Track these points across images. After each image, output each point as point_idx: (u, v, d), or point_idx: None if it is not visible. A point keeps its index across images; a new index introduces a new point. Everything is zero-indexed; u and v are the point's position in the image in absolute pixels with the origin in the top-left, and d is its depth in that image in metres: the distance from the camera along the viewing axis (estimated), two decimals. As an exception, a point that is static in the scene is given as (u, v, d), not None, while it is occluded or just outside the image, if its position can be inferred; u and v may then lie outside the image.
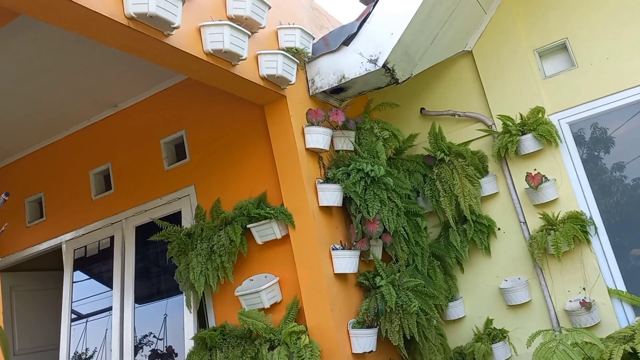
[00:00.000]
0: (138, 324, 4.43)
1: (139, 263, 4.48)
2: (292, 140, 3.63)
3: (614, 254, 4.03)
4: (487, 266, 4.43)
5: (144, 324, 4.42)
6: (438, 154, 4.41)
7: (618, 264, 4.01)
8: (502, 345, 4.17)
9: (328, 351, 3.31)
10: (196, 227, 3.83)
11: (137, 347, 4.41)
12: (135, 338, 4.43)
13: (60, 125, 4.86)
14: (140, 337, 4.45)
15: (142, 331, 4.42)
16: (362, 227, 3.73)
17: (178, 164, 4.32)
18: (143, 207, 4.41)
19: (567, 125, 4.30)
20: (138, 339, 4.44)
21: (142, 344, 4.44)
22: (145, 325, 4.41)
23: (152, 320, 4.44)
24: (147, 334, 4.43)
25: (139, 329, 4.43)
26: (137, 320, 4.43)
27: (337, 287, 3.51)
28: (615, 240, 4.05)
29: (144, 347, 4.43)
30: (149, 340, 4.43)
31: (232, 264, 3.68)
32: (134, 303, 4.25)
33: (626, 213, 4.09)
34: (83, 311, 4.88)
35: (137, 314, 4.43)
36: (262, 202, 3.75)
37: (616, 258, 4.02)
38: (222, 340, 3.61)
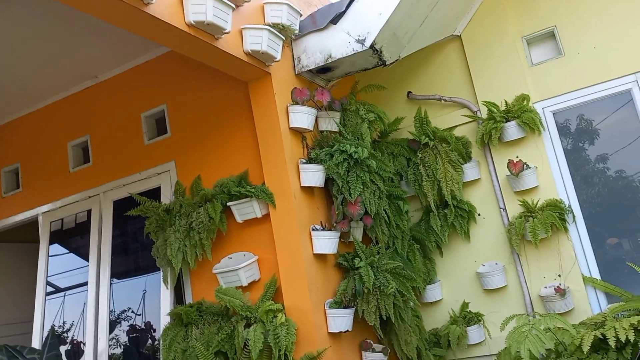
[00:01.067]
0: (117, 299, 4.42)
1: (117, 238, 4.43)
2: (275, 119, 3.58)
3: (590, 243, 4.08)
4: (465, 251, 4.47)
5: (123, 300, 4.40)
6: (423, 139, 4.40)
7: (594, 253, 4.07)
8: (477, 328, 4.22)
9: (304, 330, 3.32)
10: (175, 204, 3.78)
11: (115, 322, 4.41)
12: (114, 313, 4.42)
13: (39, 95, 4.74)
14: (119, 312, 4.45)
15: (120, 306, 4.42)
16: (343, 208, 3.72)
17: (158, 139, 4.25)
18: (122, 181, 4.34)
19: (551, 114, 4.31)
20: (117, 314, 4.43)
21: (121, 319, 4.44)
22: (124, 301, 4.39)
23: (131, 296, 4.42)
24: (125, 310, 4.42)
25: (118, 304, 4.43)
26: (116, 295, 4.42)
27: (315, 268, 3.50)
28: (594, 230, 4.10)
29: (122, 322, 4.44)
30: (128, 316, 4.42)
31: (210, 241, 3.65)
32: (110, 278, 4.21)
33: (606, 204, 4.14)
34: (61, 284, 4.84)
35: (116, 290, 4.41)
36: (243, 180, 3.71)
37: (593, 247, 4.08)
38: (199, 317, 3.60)
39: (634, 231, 4.06)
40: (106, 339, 4.05)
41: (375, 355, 3.64)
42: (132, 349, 4.51)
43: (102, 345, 4.02)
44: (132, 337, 4.42)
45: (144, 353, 4.37)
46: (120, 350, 4.48)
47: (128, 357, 4.43)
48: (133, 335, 4.42)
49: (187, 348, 3.50)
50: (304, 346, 3.31)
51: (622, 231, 4.09)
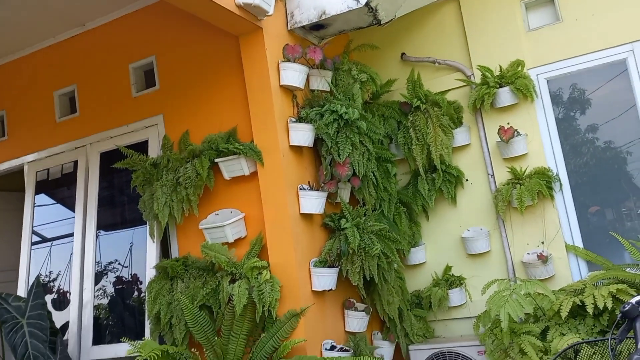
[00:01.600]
0: (104, 251, 4.44)
1: (104, 191, 4.41)
2: (266, 76, 3.52)
3: (575, 212, 4.12)
4: (451, 215, 4.50)
5: (111, 251, 4.42)
6: (414, 102, 4.36)
7: (578, 221, 4.12)
8: (459, 291, 4.30)
9: (288, 287, 3.36)
10: (162, 158, 3.75)
11: (102, 273, 4.45)
12: (101, 264, 4.45)
13: (25, 41, 4.61)
14: (106, 263, 4.48)
15: (108, 258, 4.44)
16: (332, 169, 3.71)
17: (147, 91, 4.18)
18: (109, 133, 4.28)
19: (545, 81, 4.28)
20: (104, 265, 4.47)
21: (108, 271, 4.47)
22: (111, 253, 4.41)
23: (119, 248, 4.44)
24: (112, 261, 4.45)
25: (105, 256, 4.45)
26: (104, 247, 4.44)
27: (301, 227, 3.52)
28: (579, 199, 4.13)
29: (109, 274, 4.47)
30: (115, 267, 4.45)
31: (197, 197, 3.64)
32: (96, 230, 4.21)
33: (593, 174, 4.16)
34: (48, 235, 4.84)
35: (103, 241, 4.42)
36: (231, 137, 3.68)
37: (577, 215, 4.12)
38: (184, 271, 3.63)
39: (618, 201, 4.10)
40: (91, 289, 4.09)
41: (357, 313, 3.70)
42: (118, 299, 4.56)
43: (88, 296, 4.06)
44: (119, 289, 4.47)
45: (129, 304, 4.43)
46: (106, 301, 4.54)
47: (113, 307, 4.48)
48: (119, 286, 4.47)
49: (172, 301, 3.54)
50: (287, 303, 3.35)
51: (607, 201, 4.13)
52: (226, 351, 3.20)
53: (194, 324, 3.35)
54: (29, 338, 3.57)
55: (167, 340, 3.58)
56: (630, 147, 4.07)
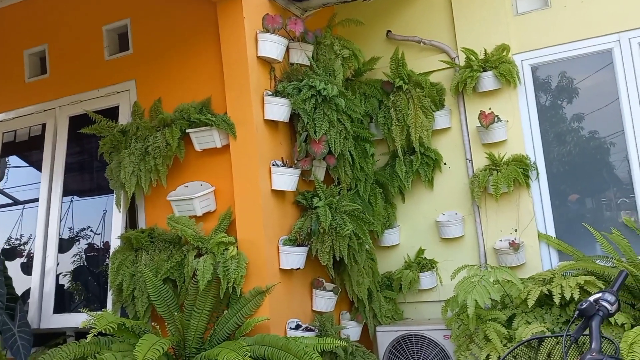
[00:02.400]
0: (80, 217, 4.37)
1: (78, 156, 4.29)
2: (242, 46, 3.39)
3: (550, 201, 4.10)
4: (428, 199, 4.46)
5: (85, 218, 4.34)
6: (397, 81, 4.27)
7: (553, 211, 4.10)
8: (430, 274, 4.28)
9: (255, 264, 3.30)
10: (132, 125, 3.62)
11: (74, 239, 4.38)
12: (73, 230, 4.37)
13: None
14: (79, 229, 4.41)
15: (81, 224, 4.37)
16: (307, 146, 3.62)
17: (120, 55, 4.02)
18: (79, 96, 4.13)
19: (529, 67, 4.21)
20: (76, 232, 4.40)
21: (80, 237, 4.41)
22: (86, 219, 4.33)
23: (92, 214, 4.34)
24: (85, 228, 4.38)
25: (78, 222, 4.38)
26: (77, 213, 4.36)
27: (272, 203, 3.44)
28: (556, 188, 4.10)
29: (80, 240, 4.41)
30: (87, 234, 4.38)
31: (166, 167, 3.54)
32: (61, 196, 4.09)
33: (573, 163, 4.12)
34: (21, 197, 4.71)
35: (77, 207, 4.35)
36: (205, 107, 3.56)
37: (552, 205, 4.10)
38: (150, 243, 3.54)
39: (597, 191, 4.08)
40: (54, 256, 3.98)
41: (325, 293, 3.66)
42: (85, 268, 4.48)
43: (50, 263, 3.96)
44: (90, 256, 4.39)
45: (97, 273, 4.37)
46: (72, 267, 4.46)
47: (80, 275, 4.40)
48: (91, 254, 4.39)
49: (136, 273, 3.46)
50: (254, 280, 3.29)
51: (586, 191, 4.10)
52: (188, 326, 3.14)
53: (157, 297, 3.28)
54: (-16, 304, 3.48)
55: (129, 313, 3.51)
56: (613, 138, 4.03)
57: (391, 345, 3.91)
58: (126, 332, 2.92)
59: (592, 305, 1.77)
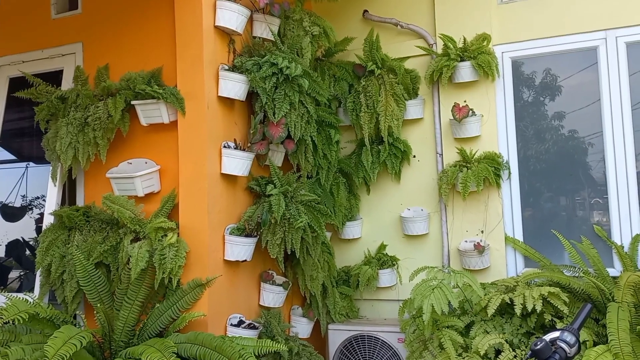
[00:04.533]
0: (33, 184, 4.18)
1: (26, 121, 3.94)
2: (198, 12, 3.07)
3: (520, 202, 3.90)
4: (394, 192, 4.22)
5: (40, 186, 4.03)
6: (369, 65, 3.99)
7: (522, 213, 3.90)
8: (390, 272, 4.06)
9: (197, 254, 3.02)
10: (72, 92, 3.28)
11: (26, 208, 4.21)
12: (26, 198, 4.20)
13: None
14: (32, 198, 4.22)
15: (35, 193, 4.19)
16: (264, 128, 3.33)
17: (68, 14, 3.66)
18: (22, 57, 3.76)
19: (510, 61, 3.96)
20: (29, 200, 4.22)
21: (33, 206, 4.22)
22: (41, 188, 4.04)
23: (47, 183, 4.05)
24: (39, 197, 4.15)
25: (32, 190, 4.19)
26: (32, 180, 4.18)
27: (221, 188, 3.15)
28: (530, 189, 3.89)
29: (34, 209, 4.22)
30: (40, 203, 4.14)
31: (107, 141, 3.22)
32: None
33: (548, 163, 3.90)
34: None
35: (32, 174, 4.16)
36: (154, 78, 3.24)
37: (522, 207, 3.90)
38: (85, 222, 3.24)
39: (569, 193, 3.88)
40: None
41: (274, 287, 3.41)
42: (21, 241, 4.18)
43: (-21, 237, 3.63)
44: (40, 227, 4.10)
45: (32, 246, 4.09)
46: (7, 242, 4.17)
47: (13, 249, 4.10)
48: (40, 225, 4.09)
49: (67, 254, 3.16)
50: (194, 271, 3.02)
51: (558, 192, 3.90)
52: (117, 317, 2.86)
53: (87, 282, 3.00)
54: None
55: (57, 297, 3.22)
56: (592, 139, 3.82)
57: (342, 345, 3.69)
58: (41, 323, 2.62)
59: (547, 346, 1.53)
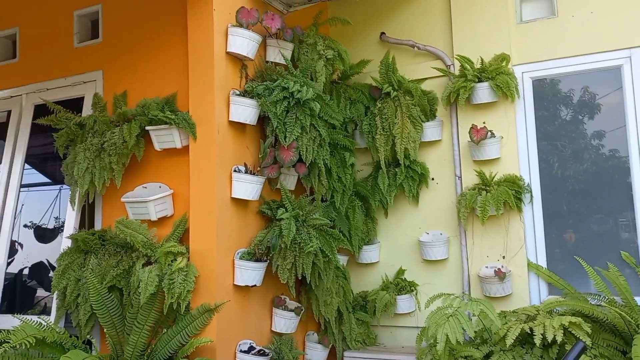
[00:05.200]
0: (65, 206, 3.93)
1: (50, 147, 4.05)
2: (210, 39, 3.12)
3: (543, 227, 3.76)
4: (412, 215, 4.14)
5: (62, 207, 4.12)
6: (385, 87, 3.96)
7: (545, 239, 3.75)
8: (408, 298, 3.97)
9: (206, 278, 3.02)
10: (89, 119, 3.37)
11: (58, 229, 4.13)
12: (59, 220, 4.15)
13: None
14: (64, 220, 4.12)
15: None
16: (276, 152, 3.33)
17: (89, 43, 3.77)
18: (46, 84, 3.89)
19: (530, 81, 3.87)
20: (61, 222, 4.13)
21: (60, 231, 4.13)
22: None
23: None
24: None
25: (65, 212, 3.99)
26: (65, 203, 3.93)
27: (231, 212, 3.16)
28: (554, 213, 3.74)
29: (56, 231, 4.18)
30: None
31: (122, 166, 3.27)
32: (19, 188, 3.84)
33: (572, 187, 3.76)
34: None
35: (65, 197, 3.98)
36: (169, 103, 3.29)
37: (545, 232, 3.76)
38: (101, 246, 3.29)
39: (595, 219, 3.71)
40: (5, 253, 3.74)
41: (286, 313, 3.37)
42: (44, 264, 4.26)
43: (1, 260, 3.72)
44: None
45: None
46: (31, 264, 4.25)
47: (37, 272, 4.18)
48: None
49: (82, 277, 3.21)
50: (204, 295, 3.01)
51: (584, 218, 3.73)
52: (127, 342, 2.87)
53: (100, 306, 3.02)
54: None
55: (73, 320, 3.26)
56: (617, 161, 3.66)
57: (357, 373, 3.61)
58: (51, 347, 2.65)
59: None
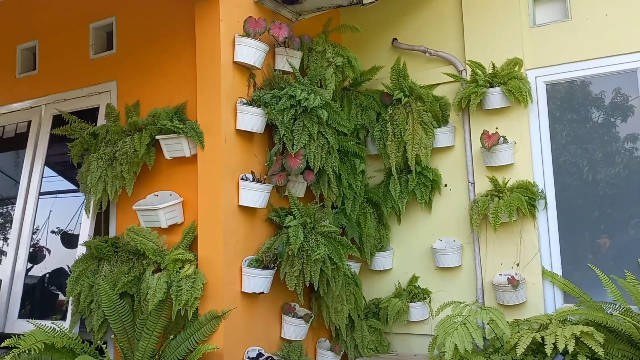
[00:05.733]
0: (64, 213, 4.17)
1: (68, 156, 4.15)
2: (216, 49, 3.16)
3: (558, 234, 3.68)
4: (425, 222, 4.11)
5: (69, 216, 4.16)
6: (395, 93, 3.95)
7: (560, 246, 3.67)
8: (421, 305, 3.94)
9: (214, 285, 3.05)
10: (102, 128, 3.45)
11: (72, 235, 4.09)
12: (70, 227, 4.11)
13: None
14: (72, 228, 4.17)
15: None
16: (283, 159, 3.35)
17: (104, 54, 3.87)
18: (64, 95, 4.01)
19: (544, 85, 3.80)
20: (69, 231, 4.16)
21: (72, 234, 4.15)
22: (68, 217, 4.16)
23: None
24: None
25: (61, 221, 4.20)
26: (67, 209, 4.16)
27: (238, 220, 3.19)
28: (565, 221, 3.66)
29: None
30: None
31: (133, 174, 3.34)
32: (38, 195, 3.96)
33: (587, 194, 3.67)
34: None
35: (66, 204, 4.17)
36: (178, 113, 3.34)
37: (560, 239, 3.68)
38: (113, 253, 3.36)
39: (614, 224, 3.61)
40: (25, 258, 3.85)
41: (295, 320, 3.38)
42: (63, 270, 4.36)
43: (20, 265, 3.83)
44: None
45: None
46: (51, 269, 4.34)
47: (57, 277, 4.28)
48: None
49: (95, 283, 3.28)
50: (211, 302, 3.05)
51: (600, 224, 3.64)
52: (136, 347, 2.93)
53: (111, 312, 3.09)
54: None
55: (87, 326, 3.33)
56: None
57: (368, 381, 3.59)
58: (61, 352, 2.72)
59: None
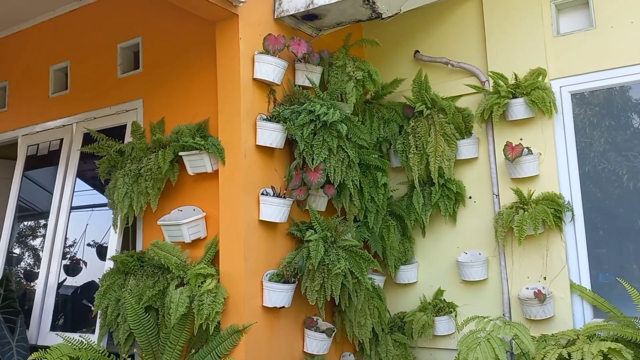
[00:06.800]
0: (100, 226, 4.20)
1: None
2: (236, 67, 3.22)
3: (587, 247, 3.59)
4: (450, 234, 4.06)
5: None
6: (417, 105, 3.94)
7: (589, 259, 3.58)
8: (447, 319, 3.89)
9: (235, 300, 3.09)
10: (128, 146, 3.56)
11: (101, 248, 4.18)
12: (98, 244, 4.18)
13: (26, 14, 4.54)
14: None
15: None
16: (303, 174, 3.38)
17: (131, 74, 3.99)
18: (94, 113, 4.15)
19: (569, 95, 3.73)
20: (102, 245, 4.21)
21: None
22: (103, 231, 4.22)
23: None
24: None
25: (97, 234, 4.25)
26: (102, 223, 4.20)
27: (259, 235, 3.22)
28: (593, 234, 3.57)
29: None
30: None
31: (157, 190, 3.42)
32: (69, 211, 4.09)
33: (618, 204, 3.57)
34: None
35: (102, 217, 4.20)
36: (201, 130, 3.42)
37: (588, 252, 3.59)
38: (139, 267, 3.44)
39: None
40: (57, 272, 3.98)
41: (318, 334, 3.38)
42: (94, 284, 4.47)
43: (53, 279, 3.96)
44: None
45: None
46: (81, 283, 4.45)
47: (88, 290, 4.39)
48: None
49: (122, 297, 3.36)
50: (233, 316, 3.08)
51: (632, 236, 3.54)
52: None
53: (137, 326, 3.16)
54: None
55: (114, 339, 3.41)
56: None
57: (392, 396, 3.56)
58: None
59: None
